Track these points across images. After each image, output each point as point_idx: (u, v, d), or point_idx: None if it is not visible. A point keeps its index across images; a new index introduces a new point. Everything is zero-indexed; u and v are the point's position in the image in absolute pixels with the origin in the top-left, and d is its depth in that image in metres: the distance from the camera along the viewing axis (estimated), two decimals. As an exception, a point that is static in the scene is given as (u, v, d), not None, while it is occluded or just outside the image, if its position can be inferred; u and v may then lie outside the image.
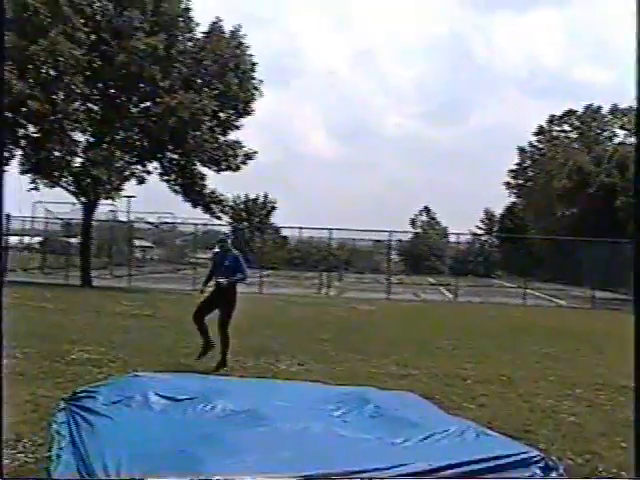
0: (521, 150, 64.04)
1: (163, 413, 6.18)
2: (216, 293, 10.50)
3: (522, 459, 5.46)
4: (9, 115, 23.51)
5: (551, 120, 63.20)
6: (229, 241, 10.88)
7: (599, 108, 61.17)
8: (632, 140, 58.71)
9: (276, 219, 59.63)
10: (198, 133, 25.79)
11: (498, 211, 63.75)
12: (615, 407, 8.42)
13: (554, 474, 5.45)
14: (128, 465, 4.77)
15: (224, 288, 10.34)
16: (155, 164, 27.18)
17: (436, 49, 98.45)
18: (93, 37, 24.21)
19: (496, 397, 8.67)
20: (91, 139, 25.75)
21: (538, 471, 5.41)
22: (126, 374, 8.40)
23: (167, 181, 27.48)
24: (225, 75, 25.87)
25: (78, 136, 25.65)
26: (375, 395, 7.21)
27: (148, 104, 25.69)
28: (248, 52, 26.90)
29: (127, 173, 26.20)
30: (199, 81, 26.12)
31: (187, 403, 6.35)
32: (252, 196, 60.90)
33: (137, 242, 44.43)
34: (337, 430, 5.93)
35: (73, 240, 35.16)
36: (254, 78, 26.98)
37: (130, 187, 28.72)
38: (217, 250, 10.99)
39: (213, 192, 27.76)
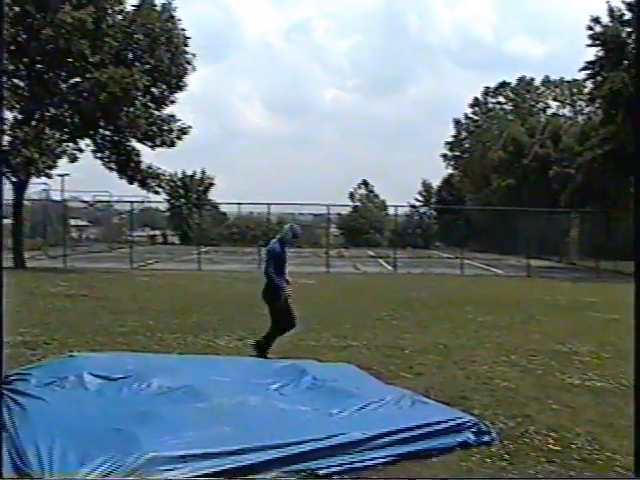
0: (457, 122, 64.80)
1: (98, 393, 6.08)
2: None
3: (456, 424, 5.60)
4: None
5: (486, 92, 64.07)
6: None
7: (532, 80, 62.25)
8: (564, 111, 60.13)
9: (214, 195, 59.17)
10: (131, 109, 25.32)
11: (436, 183, 64.41)
12: (547, 371, 8.65)
13: (486, 438, 5.61)
14: (61, 447, 4.68)
15: None
16: (87, 141, 26.60)
17: (371, 21, 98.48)
18: (17, 10, 23.36)
19: (433, 366, 8.80)
20: (19, 116, 24.97)
21: (471, 435, 5.55)
22: (61, 355, 8.26)
23: (101, 158, 26.91)
24: (156, 49, 25.38)
25: (5, 113, 24.87)
26: (313, 367, 7.25)
27: (77, 80, 25.02)
28: (180, 26, 26.46)
29: (59, 151, 25.52)
30: (130, 56, 25.60)
31: (122, 382, 6.27)
32: (189, 172, 60.16)
33: (72, 221, 43.60)
34: (274, 403, 5.96)
35: (5, 221, 34.21)
36: (187, 52, 26.55)
37: (64, 165, 28.13)
38: (279, 239, 9.53)
39: (150, 167, 27.30)
